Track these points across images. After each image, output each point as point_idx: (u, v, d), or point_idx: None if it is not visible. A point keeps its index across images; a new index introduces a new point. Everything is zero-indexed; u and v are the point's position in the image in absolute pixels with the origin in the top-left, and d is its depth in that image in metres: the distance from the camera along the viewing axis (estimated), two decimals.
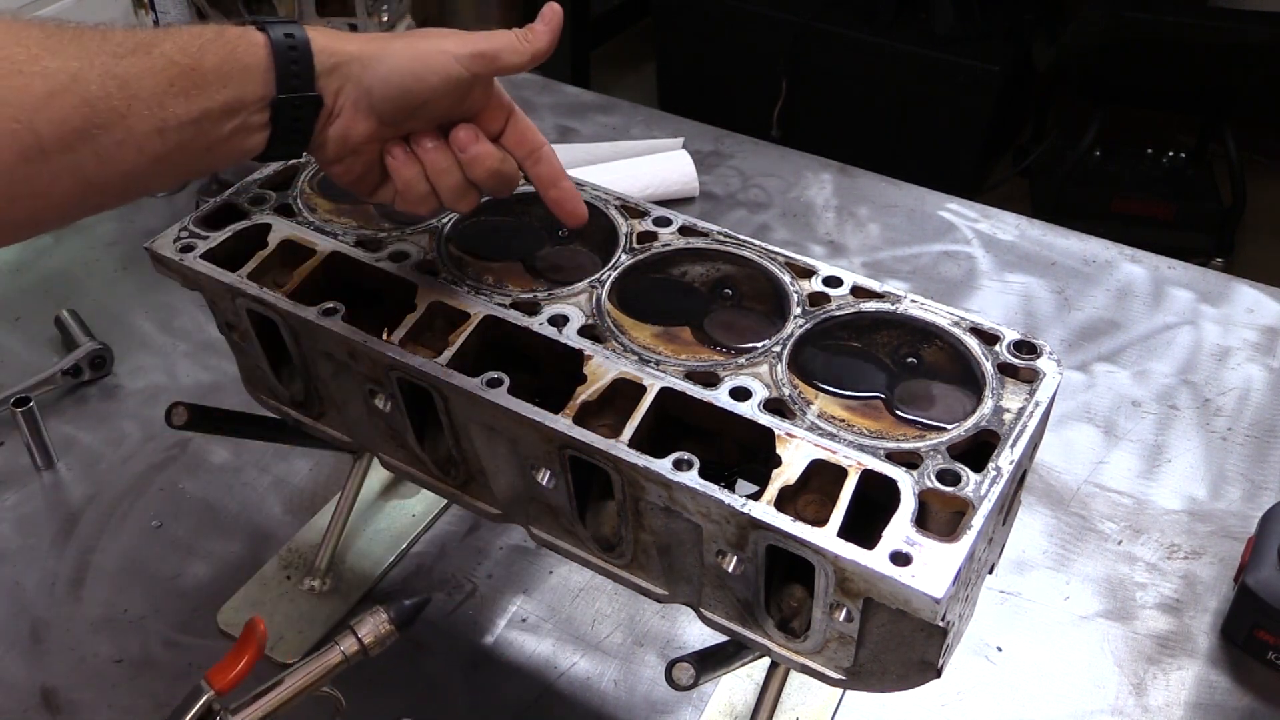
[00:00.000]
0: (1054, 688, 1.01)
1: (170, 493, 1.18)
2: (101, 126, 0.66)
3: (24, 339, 1.36)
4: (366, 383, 0.85)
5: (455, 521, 1.15)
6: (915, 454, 0.73)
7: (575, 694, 1.00)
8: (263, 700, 0.82)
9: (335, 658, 0.84)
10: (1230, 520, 1.16)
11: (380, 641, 0.85)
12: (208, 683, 0.81)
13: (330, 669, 0.84)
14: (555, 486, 0.80)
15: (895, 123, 3.09)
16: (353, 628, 0.85)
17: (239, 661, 0.82)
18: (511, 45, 0.78)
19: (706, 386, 0.78)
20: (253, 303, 0.87)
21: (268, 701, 0.82)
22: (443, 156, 0.80)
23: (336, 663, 0.84)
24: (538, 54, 0.79)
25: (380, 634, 0.85)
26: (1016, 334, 0.81)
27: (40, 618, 1.05)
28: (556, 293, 0.86)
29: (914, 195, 1.62)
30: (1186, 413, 1.28)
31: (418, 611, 0.87)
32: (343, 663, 0.84)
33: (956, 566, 0.66)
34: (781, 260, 0.88)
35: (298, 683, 0.83)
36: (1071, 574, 1.10)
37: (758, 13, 3.14)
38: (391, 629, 0.86)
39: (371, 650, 0.85)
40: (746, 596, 0.77)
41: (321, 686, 0.84)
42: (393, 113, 0.77)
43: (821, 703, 0.98)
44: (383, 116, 0.77)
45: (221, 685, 0.81)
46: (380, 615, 0.86)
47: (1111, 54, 2.90)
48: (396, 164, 0.80)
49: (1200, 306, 1.43)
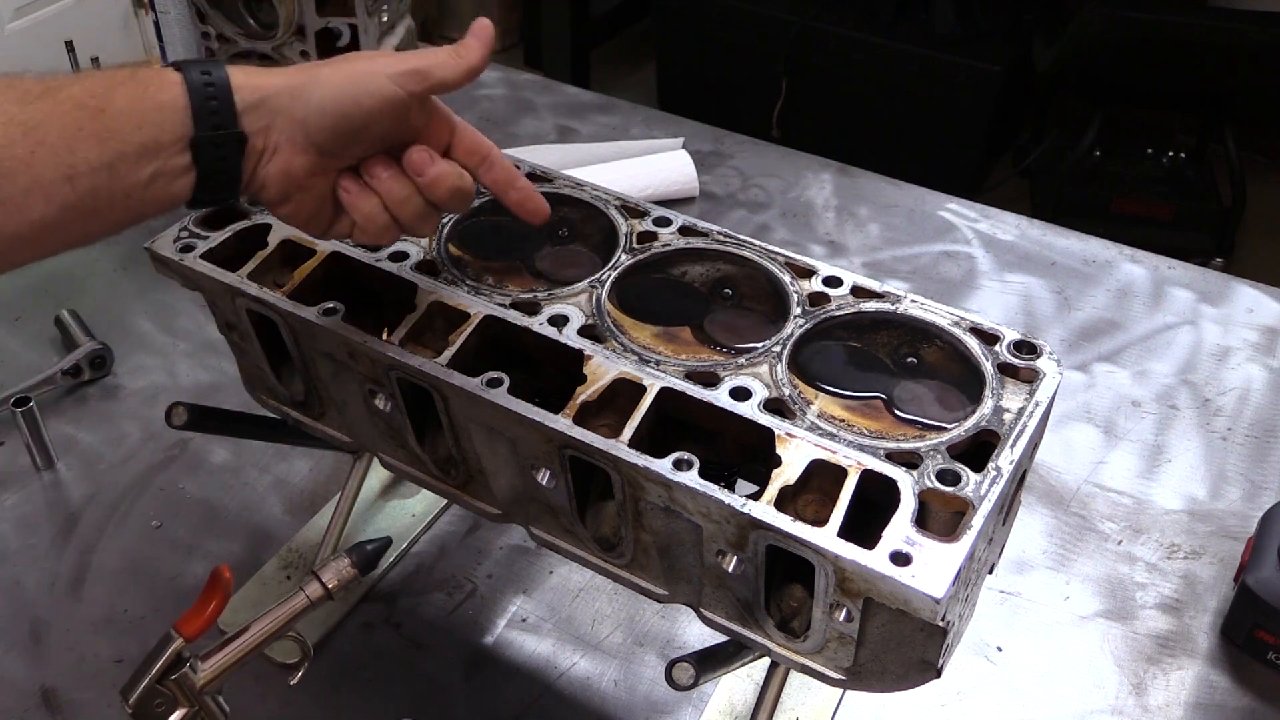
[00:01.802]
0: (1054, 688, 1.01)
1: (170, 493, 1.18)
2: (4, 175, 0.64)
3: (24, 339, 1.36)
4: (366, 383, 0.85)
5: (455, 521, 1.15)
6: (915, 454, 0.73)
7: (575, 694, 1.00)
8: (231, 645, 0.84)
9: (300, 602, 0.87)
10: (1230, 520, 1.16)
11: (343, 585, 0.88)
12: (176, 631, 0.82)
13: (296, 613, 0.86)
14: (555, 486, 0.80)
15: (895, 123, 3.09)
16: (316, 572, 0.87)
17: (206, 608, 0.83)
18: (444, 61, 0.77)
19: (706, 386, 0.78)
20: (253, 303, 0.87)
21: (236, 647, 0.84)
22: (400, 184, 0.77)
23: (303, 607, 0.86)
24: (472, 69, 0.77)
25: (343, 577, 0.88)
26: (1016, 334, 0.81)
27: (40, 618, 1.05)
28: (556, 293, 0.86)
29: (914, 195, 1.62)
30: (1186, 413, 1.28)
31: (378, 555, 0.90)
32: (308, 607, 0.86)
33: (956, 566, 0.66)
34: (781, 260, 0.88)
35: (265, 627, 0.85)
36: (1071, 574, 1.10)
37: (758, 13, 3.13)
38: (354, 572, 0.88)
39: (335, 593, 0.88)
40: (746, 596, 0.77)
41: (288, 631, 0.86)
42: (332, 142, 0.75)
43: (821, 703, 0.98)
44: (322, 147, 0.75)
45: (190, 632, 0.82)
46: (343, 560, 0.88)
47: (1111, 54, 2.90)
48: (352, 197, 0.77)
49: (1200, 306, 1.43)
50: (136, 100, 0.69)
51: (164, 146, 0.70)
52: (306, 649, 0.88)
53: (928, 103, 3.03)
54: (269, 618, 0.85)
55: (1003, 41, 3.01)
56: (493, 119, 1.78)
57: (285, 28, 1.38)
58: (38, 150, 0.65)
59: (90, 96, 0.67)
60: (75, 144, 0.66)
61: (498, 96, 1.83)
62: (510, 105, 1.81)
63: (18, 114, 0.65)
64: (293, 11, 1.37)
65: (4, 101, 0.65)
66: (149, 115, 0.69)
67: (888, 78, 3.05)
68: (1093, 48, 2.87)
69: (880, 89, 3.07)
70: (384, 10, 1.44)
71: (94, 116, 0.67)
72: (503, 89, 1.86)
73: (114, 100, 0.68)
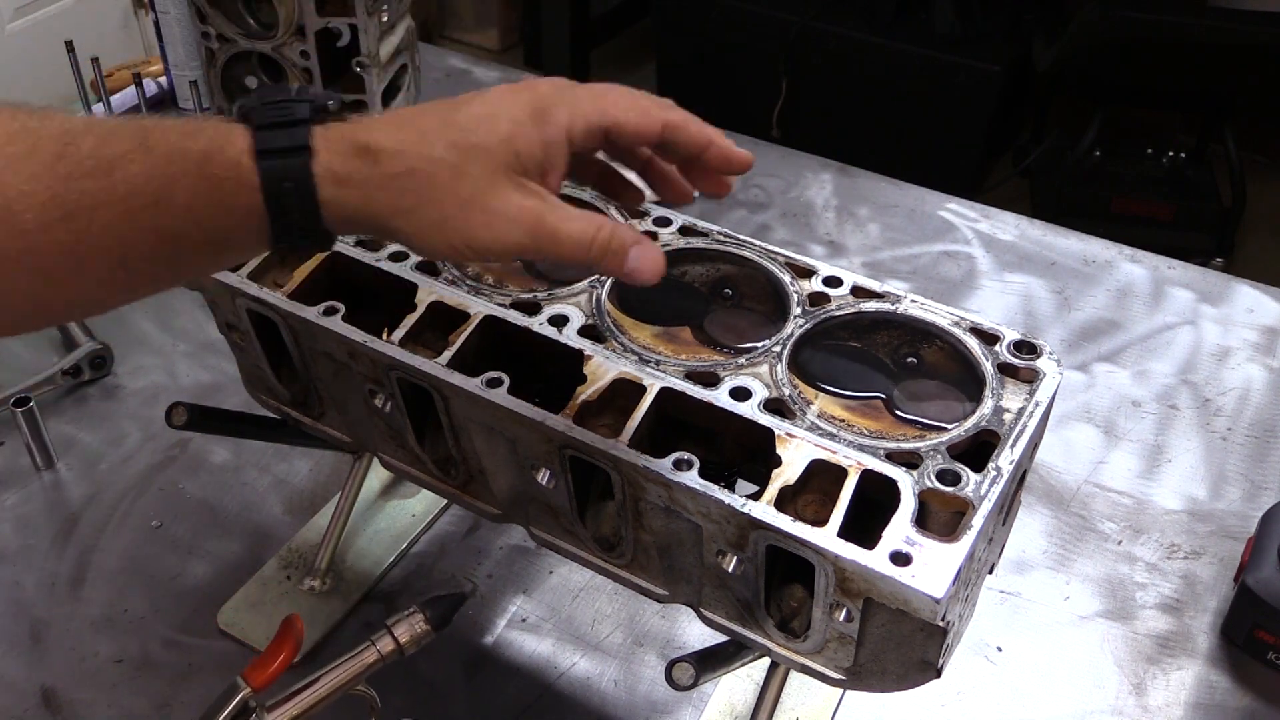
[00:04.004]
0: (1054, 688, 1.01)
1: (170, 493, 1.18)
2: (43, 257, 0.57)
3: (24, 339, 1.36)
4: (366, 383, 0.85)
5: (455, 521, 1.15)
6: (915, 454, 0.73)
7: (575, 694, 1.00)
8: (298, 698, 0.83)
9: (371, 657, 0.85)
10: (1230, 520, 1.16)
11: (416, 641, 0.85)
12: (244, 679, 0.81)
13: (366, 668, 0.84)
14: (555, 486, 0.80)
15: (895, 123, 3.09)
16: (389, 628, 0.85)
17: (275, 658, 0.82)
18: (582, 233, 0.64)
19: (706, 386, 0.78)
20: (253, 303, 0.87)
21: (303, 699, 0.83)
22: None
23: (372, 662, 0.85)
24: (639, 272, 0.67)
25: (416, 634, 0.85)
26: (1016, 334, 0.81)
27: (40, 618, 1.05)
28: (556, 293, 0.86)
29: (914, 195, 1.62)
30: (1186, 413, 1.28)
31: (454, 610, 0.87)
32: (378, 662, 0.85)
33: (956, 566, 0.66)
34: (781, 260, 0.88)
35: (333, 681, 0.84)
36: (1071, 574, 1.10)
37: (758, 13, 3.13)
38: (427, 629, 0.86)
39: (407, 650, 0.85)
40: (746, 596, 0.77)
41: (356, 685, 0.85)
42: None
43: (821, 703, 0.98)
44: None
45: (257, 682, 0.81)
46: (416, 615, 0.86)
47: (1111, 54, 2.90)
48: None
49: (1200, 306, 1.43)
50: (203, 200, 0.60)
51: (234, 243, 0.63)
52: (374, 703, 0.86)
53: (928, 103, 3.03)
54: (339, 671, 0.84)
55: (1003, 41, 3.01)
56: None
57: (285, 28, 1.38)
58: (83, 238, 0.57)
59: (149, 180, 0.58)
60: (128, 235, 0.58)
61: None
62: None
63: (63, 191, 0.56)
64: (293, 11, 1.37)
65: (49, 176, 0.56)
66: (218, 219, 0.60)
67: (888, 78, 3.04)
68: (1093, 48, 2.87)
69: (880, 89, 3.07)
70: (384, 10, 1.44)
71: (150, 208, 0.58)
72: None
73: (175, 195, 0.59)
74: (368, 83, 1.45)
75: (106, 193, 0.57)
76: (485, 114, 0.64)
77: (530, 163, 0.64)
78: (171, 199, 0.58)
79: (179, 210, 0.59)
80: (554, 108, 0.65)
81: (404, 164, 0.61)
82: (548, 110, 0.65)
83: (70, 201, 0.56)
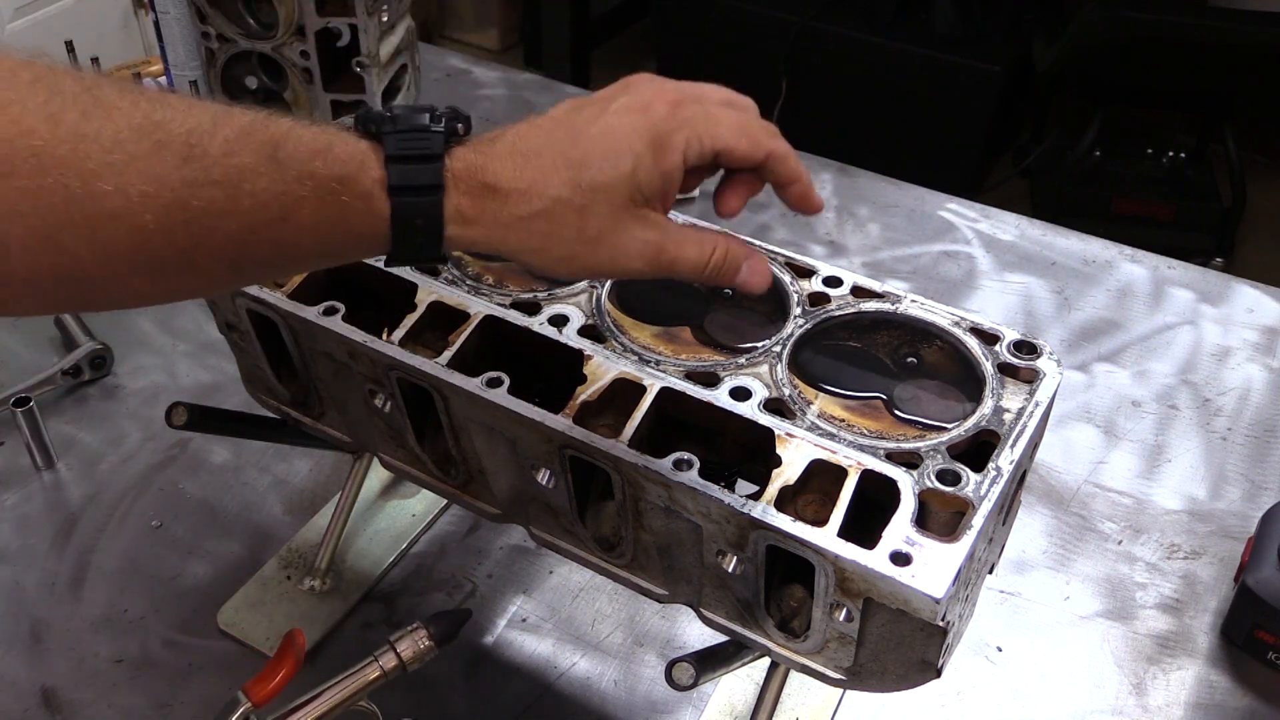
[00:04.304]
0: (1054, 688, 1.01)
1: (170, 493, 1.18)
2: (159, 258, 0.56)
3: (24, 339, 1.36)
4: (366, 383, 0.85)
5: (455, 521, 1.15)
6: (915, 454, 0.73)
7: (575, 694, 1.00)
8: (299, 713, 0.82)
9: (374, 673, 0.84)
10: (1230, 520, 1.16)
11: (419, 657, 0.85)
12: (245, 694, 0.81)
13: (368, 684, 0.84)
14: (555, 486, 0.80)
15: (895, 123, 3.09)
16: (393, 643, 0.85)
17: (277, 673, 0.82)
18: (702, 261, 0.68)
19: (706, 386, 0.78)
20: (253, 303, 0.87)
21: (304, 715, 0.82)
22: None
23: (374, 677, 0.84)
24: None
25: (419, 650, 0.85)
26: (1016, 334, 0.81)
27: (40, 618, 1.05)
28: (556, 293, 0.86)
29: (914, 195, 1.62)
30: (1186, 413, 1.28)
31: (457, 627, 0.87)
32: (380, 678, 0.84)
33: (956, 566, 0.66)
34: (781, 260, 0.88)
35: (335, 696, 0.83)
36: (1071, 574, 1.10)
37: (758, 13, 3.13)
38: (431, 645, 0.86)
39: (410, 666, 0.85)
40: (746, 596, 0.77)
41: (359, 701, 0.84)
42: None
43: (821, 703, 0.98)
44: None
45: (259, 697, 0.81)
46: (420, 631, 0.86)
47: (1111, 54, 2.90)
48: None
49: (1200, 306, 1.43)
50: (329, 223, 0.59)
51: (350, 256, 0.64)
52: (376, 718, 0.86)
53: (928, 103, 3.03)
54: (341, 686, 0.84)
55: (1003, 41, 3.01)
56: (493, 119, 1.78)
57: (285, 28, 1.38)
58: (200, 244, 0.56)
59: (277, 201, 0.57)
60: (248, 245, 0.58)
61: (498, 96, 1.83)
62: (510, 105, 1.81)
63: (187, 197, 0.55)
64: (293, 11, 1.37)
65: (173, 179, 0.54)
66: (340, 238, 0.60)
67: (888, 78, 3.04)
68: (1093, 48, 2.87)
69: (880, 89, 3.07)
70: (384, 10, 1.44)
71: (273, 224, 0.58)
72: (503, 89, 1.86)
73: (301, 214, 0.58)
74: (368, 83, 1.46)
75: (232, 203, 0.56)
76: (607, 146, 0.64)
77: (650, 192, 0.65)
78: (297, 218, 0.58)
79: (302, 228, 0.59)
80: (672, 134, 0.65)
81: (530, 206, 0.62)
82: (666, 138, 0.65)
83: (194, 209, 0.55)
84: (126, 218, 0.54)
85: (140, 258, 0.56)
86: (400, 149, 0.61)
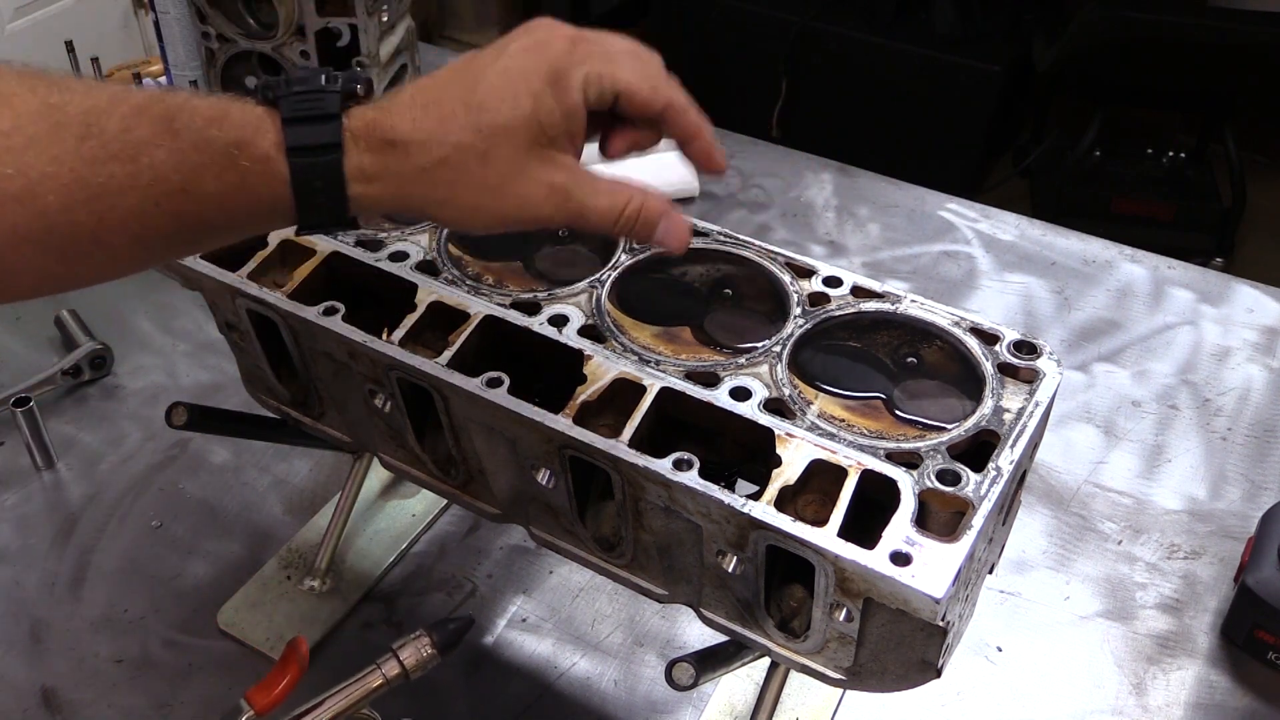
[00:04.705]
0: (1054, 688, 1.01)
1: (170, 493, 1.18)
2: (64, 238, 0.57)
3: (24, 339, 1.36)
4: (366, 383, 0.85)
5: (455, 521, 1.15)
6: (915, 454, 0.73)
7: (575, 694, 1.00)
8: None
9: (376, 680, 0.84)
10: (1230, 520, 1.16)
11: (422, 665, 0.85)
12: (247, 702, 0.81)
13: (370, 691, 0.84)
14: (555, 486, 0.80)
15: (895, 123, 3.09)
16: (395, 651, 0.85)
17: (280, 681, 0.82)
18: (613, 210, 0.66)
19: (706, 386, 0.78)
20: (253, 303, 0.87)
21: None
22: None
23: (377, 685, 0.84)
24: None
25: (422, 658, 0.85)
26: (1016, 334, 0.81)
27: (40, 618, 1.05)
28: (556, 293, 0.86)
29: (914, 195, 1.62)
30: (1186, 413, 1.28)
31: (460, 635, 0.87)
32: (383, 686, 0.84)
33: (956, 566, 0.66)
34: (781, 260, 0.88)
35: (338, 704, 0.83)
36: (1071, 574, 1.10)
37: (758, 13, 3.13)
38: (433, 653, 0.85)
39: (413, 674, 0.85)
40: (746, 596, 0.77)
41: (361, 709, 0.84)
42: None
43: (821, 703, 0.98)
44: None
45: (262, 705, 0.81)
46: (423, 640, 0.85)
47: (1111, 54, 2.90)
48: None
49: (1200, 306, 1.43)
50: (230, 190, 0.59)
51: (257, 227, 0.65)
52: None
53: (928, 103, 3.03)
54: (343, 694, 0.84)
55: (1003, 41, 3.01)
56: None
57: (285, 28, 1.38)
58: (105, 218, 0.57)
59: (175, 170, 0.58)
60: (150, 219, 0.58)
61: None
62: None
63: (88, 175, 0.56)
64: (293, 11, 1.37)
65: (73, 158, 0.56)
66: (243, 207, 0.61)
67: (888, 78, 3.04)
68: (1093, 48, 2.87)
69: (880, 89, 3.07)
70: (384, 10, 1.44)
71: (174, 195, 0.58)
72: None
73: (201, 183, 0.59)
74: None
75: (131, 178, 0.57)
76: (505, 87, 0.63)
77: (554, 132, 0.64)
78: (197, 187, 0.58)
79: (204, 198, 0.59)
80: (570, 70, 0.65)
81: (431, 156, 0.62)
82: (564, 74, 0.64)
83: (95, 185, 0.56)
84: (29, 200, 0.55)
85: (47, 238, 0.56)
86: (295, 111, 0.61)
